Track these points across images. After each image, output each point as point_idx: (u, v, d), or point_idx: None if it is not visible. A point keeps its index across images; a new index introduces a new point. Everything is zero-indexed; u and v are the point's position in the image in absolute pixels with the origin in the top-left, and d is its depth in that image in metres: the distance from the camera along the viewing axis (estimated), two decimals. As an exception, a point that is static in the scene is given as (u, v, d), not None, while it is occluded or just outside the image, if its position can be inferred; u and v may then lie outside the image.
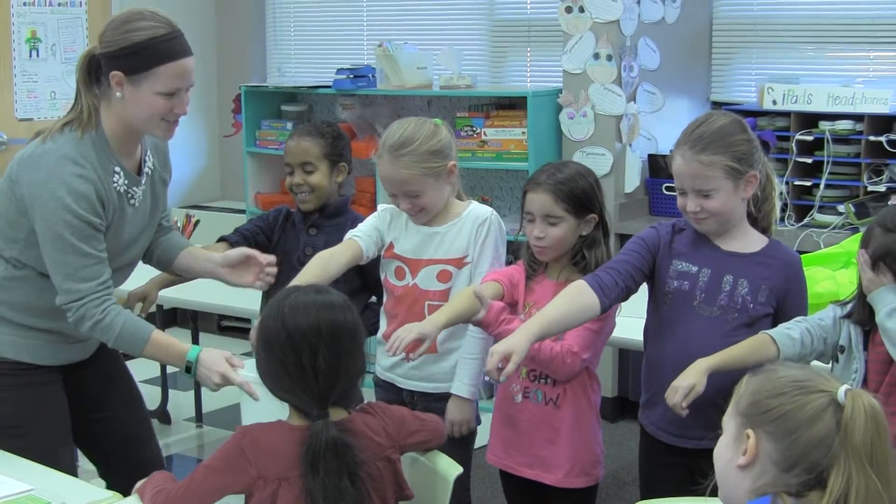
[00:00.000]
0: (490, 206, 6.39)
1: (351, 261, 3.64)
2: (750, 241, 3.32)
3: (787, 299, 3.30)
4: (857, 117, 5.70)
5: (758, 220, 3.37)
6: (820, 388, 2.11)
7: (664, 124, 6.20)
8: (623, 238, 3.85)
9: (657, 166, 6.15)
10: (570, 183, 3.49)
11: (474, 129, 6.41)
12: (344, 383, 2.72)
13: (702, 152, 3.19)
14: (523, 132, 6.24)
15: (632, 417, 3.56)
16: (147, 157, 3.41)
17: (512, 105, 6.46)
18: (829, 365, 3.23)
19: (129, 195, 3.31)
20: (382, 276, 3.78)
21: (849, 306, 3.18)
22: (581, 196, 3.49)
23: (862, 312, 3.13)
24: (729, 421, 2.20)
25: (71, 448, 3.46)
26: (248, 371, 3.19)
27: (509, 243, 3.86)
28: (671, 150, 3.33)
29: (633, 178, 6.22)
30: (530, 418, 3.56)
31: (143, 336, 3.22)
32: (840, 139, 5.74)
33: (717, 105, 6.51)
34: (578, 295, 3.23)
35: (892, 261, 3.02)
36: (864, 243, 3.10)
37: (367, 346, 3.19)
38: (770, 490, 2.10)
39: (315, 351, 2.66)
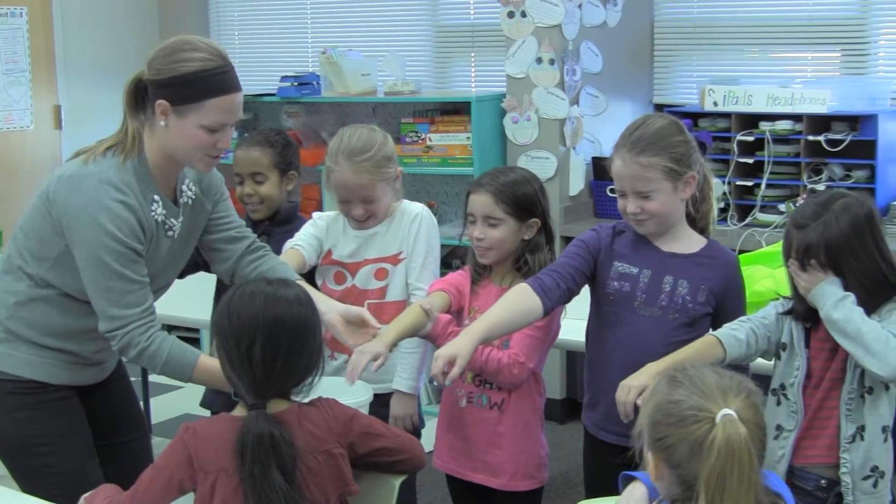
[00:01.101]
0: (436, 211, 6.49)
1: (295, 270, 3.69)
2: (689, 242, 3.37)
3: (726, 299, 3.35)
4: (797, 117, 5.76)
5: (696, 220, 3.41)
6: (703, 415, 2.18)
7: (607, 127, 6.24)
8: (568, 240, 3.90)
9: (601, 169, 6.19)
10: (512, 186, 3.53)
11: (419, 134, 6.43)
12: (284, 377, 2.75)
13: (640, 154, 3.23)
14: (468, 137, 6.27)
15: (580, 419, 3.59)
16: (185, 187, 3.32)
17: (456, 110, 6.48)
18: (773, 362, 3.26)
19: (167, 226, 3.24)
20: (320, 283, 3.84)
21: (790, 304, 3.22)
22: (523, 199, 3.53)
23: (802, 309, 3.18)
24: (639, 426, 2.31)
25: (96, 462, 3.36)
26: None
27: (455, 248, 3.90)
28: (610, 153, 3.37)
29: (577, 181, 6.26)
30: (475, 423, 3.59)
31: (191, 362, 3.14)
32: (780, 139, 5.81)
33: (659, 107, 6.56)
34: (521, 298, 3.27)
35: (814, 253, 3.06)
36: (786, 249, 3.14)
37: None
38: (679, 499, 2.22)
39: (252, 341, 2.71)
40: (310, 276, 3.85)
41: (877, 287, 3.07)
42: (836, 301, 3.03)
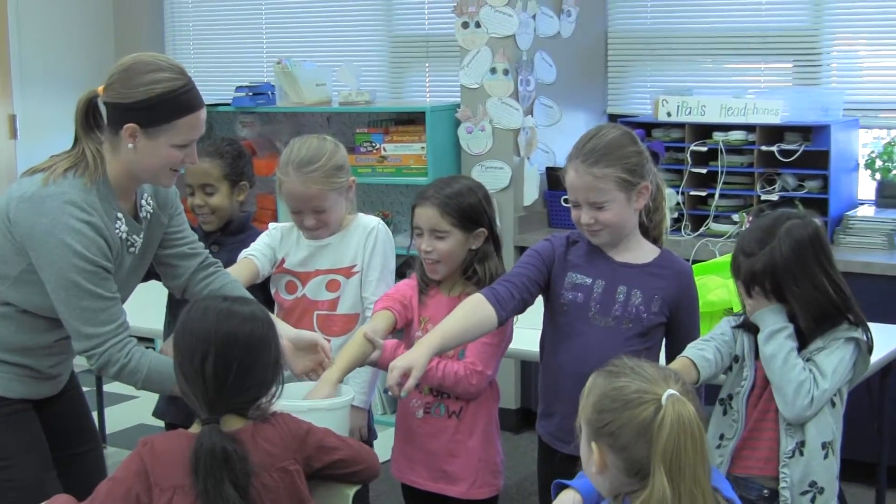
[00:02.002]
0: (390, 221, 6.49)
1: (249, 280, 3.73)
2: (642, 252, 3.37)
3: (679, 308, 3.36)
4: (750, 128, 5.79)
5: (649, 229, 3.42)
6: (648, 397, 2.23)
7: (561, 137, 6.26)
8: (523, 251, 3.90)
9: (555, 179, 6.20)
10: (457, 197, 3.53)
11: (374, 144, 6.42)
12: (237, 393, 2.73)
13: (594, 165, 3.23)
14: (422, 147, 6.26)
15: (534, 428, 3.59)
16: (144, 202, 3.31)
17: (411, 120, 6.48)
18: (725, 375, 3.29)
19: (129, 242, 3.23)
20: (273, 291, 3.84)
21: (742, 317, 3.25)
22: (468, 210, 3.53)
23: (752, 322, 3.20)
24: (581, 424, 2.33)
25: (55, 475, 3.32)
26: (283, 399, 3.09)
27: (409, 258, 3.90)
28: (564, 164, 3.37)
29: (531, 191, 6.27)
30: (433, 433, 3.58)
31: (172, 375, 3.01)
32: (733, 149, 5.83)
33: (613, 118, 6.59)
34: (476, 308, 3.27)
35: (759, 281, 3.11)
36: (734, 272, 3.18)
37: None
38: (627, 490, 2.25)
39: (205, 356, 2.70)
40: (265, 286, 3.83)
41: (821, 313, 3.10)
42: (769, 333, 3.09)
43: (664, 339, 3.40)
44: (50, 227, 3.03)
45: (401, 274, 5.76)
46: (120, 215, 3.17)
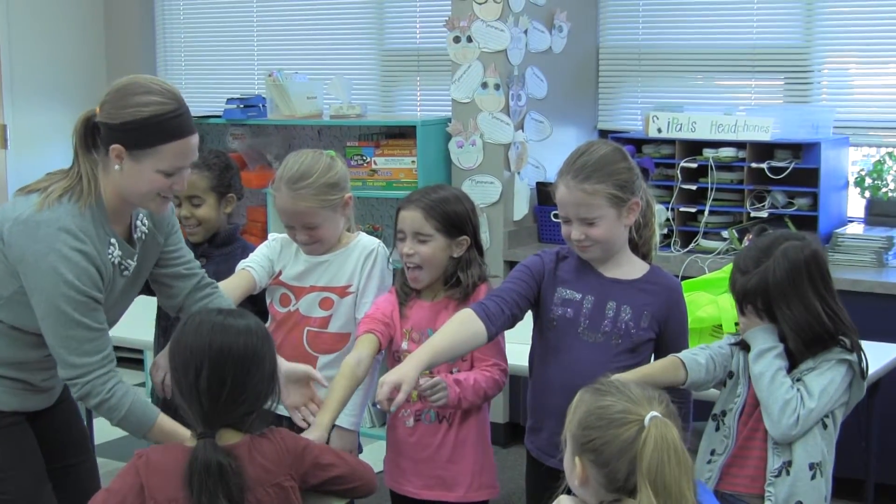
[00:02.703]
0: (380, 234, 6.49)
1: (246, 292, 3.72)
2: (632, 268, 3.38)
3: (668, 324, 3.36)
4: (740, 145, 5.80)
5: (639, 245, 3.42)
6: (631, 418, 2.30)
7: (552, 152, 6.26)
8: (512, 265, 3.89)
9: (545, 194, 6.20)
10: (442, 203, 3.55)
11: (364, 158, 6.42)
12: (232, 407, 2.73)
13: (585, 181, 3.24)
14: (413, 161, 6.27)
15: (522, 443, 3.59)
16: (139, 222, 3.28)
17: (402, 134, 6.48)
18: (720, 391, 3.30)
19: (123, 266, 3.20)
20: (268, 301, 3.83)
21: (738, 336, 3.27)
22: (453, 216, 3.54)
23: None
24: (566, 438, 2.39)
25: (49, 487, 3.31)
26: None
27: (401, 271, 3.89)
28: (554, 180, 3.37)
29: (521, 206, 6.27)
30: (425, 440, 3.59)
31: (149, 421, 3.09)
32: (723, 166, 5.84)
33: (603, 133, 6.60)
34: (465, 323, 3.27)
35: (751, 300, 3.13)
36: (731, 289, 3.21)
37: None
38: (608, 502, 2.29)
39: (199, 370, 2.70)
40: (256, 298, 3.82)
41: (812, 336, 3.11)
42: (758, 352, 3.11)
43: (653, 356, 3.39)
44: (43, 254, 3.01)
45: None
46: (113, 241, 3.15)
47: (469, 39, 6.14)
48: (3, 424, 3.21)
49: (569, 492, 2.46)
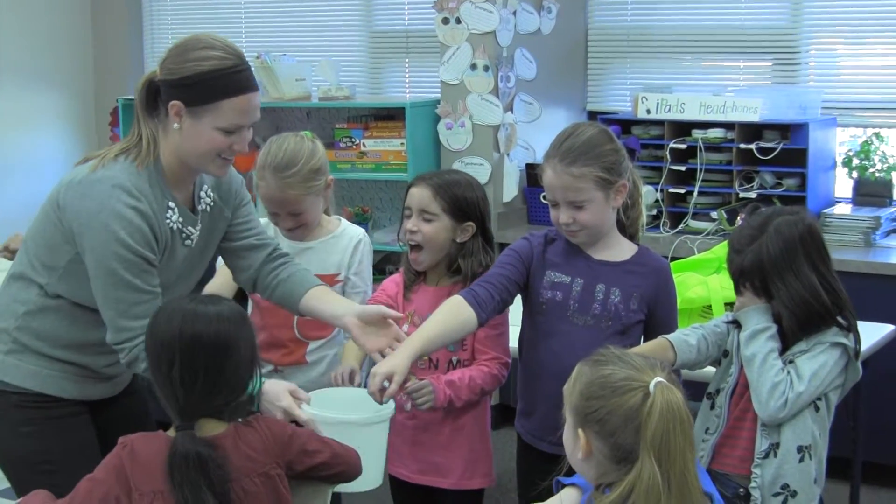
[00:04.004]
0: (369, 216, 6.49)
1: (228, 283, 3.68)
2: (620, 250, 3.37)
3: (658, 305, 3.36)
4: (729, 125, 5.80)
5: (626, 226, 3.42)
6: (636, 384, 2.26)
7: (541, 134, 6.26)
8: (502, 247, 3.91)
9: (535, 176, 6.19)
10: (453, 186, 3.55)
11: (353, 140, 6.42)
12: (208, 397, 2.67)
13: (572, 165, 3.23)
14: (402, 143, 6.26)
15: (513, 425, 3.60)
16: (203, 193, 3.20)
17: (390, 116, 6.47)
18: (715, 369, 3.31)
19: (184, 234, 3.13)
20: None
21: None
22: (462, 201, 3.53)
23: (741, 319, 3.22)
24: (567, 412, 2.35)
25: None
26: (313, 406, 3.06)
27: (389, 254, 3.89)
28: (541, 163, 3.37)
29: (511, 188, 6.28)
30: (422, 425, 3.60)
31: None
32: (712, 147, 5.84)
33: (592, 115, 6.60)
34: (456, 311, 3.26)
35: (747, 278, 3.11)
36: (728, 268, 3.20)
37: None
38: (612, 478, 2.26)
39: (171, 362, 2.64)
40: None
41: (808, 314, 3.08)
42: (751, 333, 3.09)
43: (642, 338, 3.39)
44: (96, 211, 2.94)
45: (380, 270, 5.78)
46: (172, 204, 3.07)
47: (458, 21, 6.14)
48: (61, 414, 3.14)
49: (567, 473, 2.45)
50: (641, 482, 2.21)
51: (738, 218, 5.61)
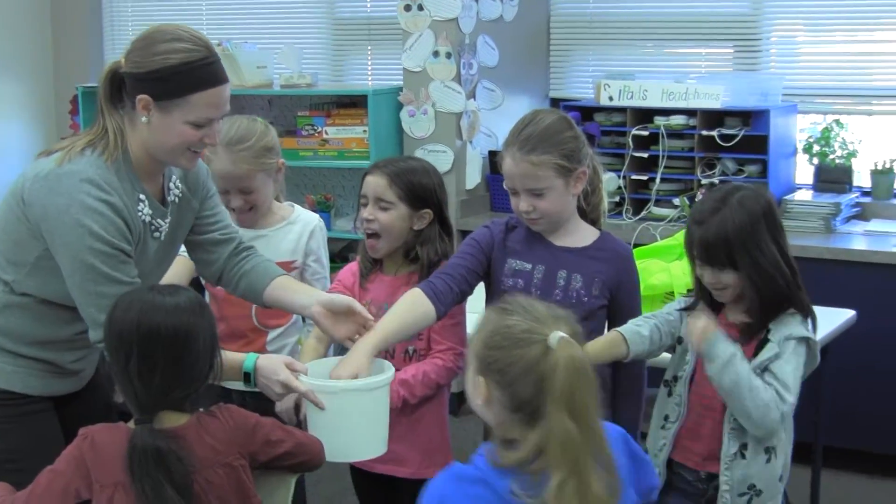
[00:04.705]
0: (332, 204, 6.47)
1: (189, 275, 3.67)
2: (582, 236, 3.37)
3: (620, 290, 3.36)
4: (691, 112, 5.83)
5: (587, 212, 3.42)
6: (537, 337, 2.28)
7: (504, 121, 6.25)
8: (465, 234, 3.91)
9: (497, 163, 6.18)
10: (409, 173, 3.53)
11: (315, 127, 6.40)
12: (167, 390, 2.64)
13: (531, 153, 3.22)
14: (364, 130, 6.25)
15: (474, 412, 3.59)
16: (172, 185, 3.15)
17: (353, 103, 6.45)
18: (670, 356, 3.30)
19: (154, 227, 3.06)
20: (205, 281, 3.74)
21: (690, 299, 3.25)
22: (418, 188, 3.52)
23: (697, 306, 3.21)
24: (469, 356, 2.38)
25: None
26: (311, 377, 3.03)
27: (351, 242, 3.89)
28: (500, 151, 3.36)
29: (473, 175, 6.28)
30: None
31: None
32: (674, 134, 5.86)
33: (555, 101, 6.61)
34: (414, 304, 3.25)
35: (712, 251, 3.05)
36: (688, 246, 3.15)
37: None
38: (511, 430, 2.30)
39: (128, 355, 2.61)
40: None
41: (770, 289, 3.06)
42: (722, 364, 2.99)
43: (606, 323, 3.40)
44: (65, 207, 2.86)
45: (343, 258, 5.79)
46: (143, 197, 3.01)
47: (420, 8, 6.13)
48: (26, 411, 3.09)
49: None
50: (555, 437, 2.23)
51: (699, 194, 5.64)
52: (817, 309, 3.19)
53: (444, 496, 2.33)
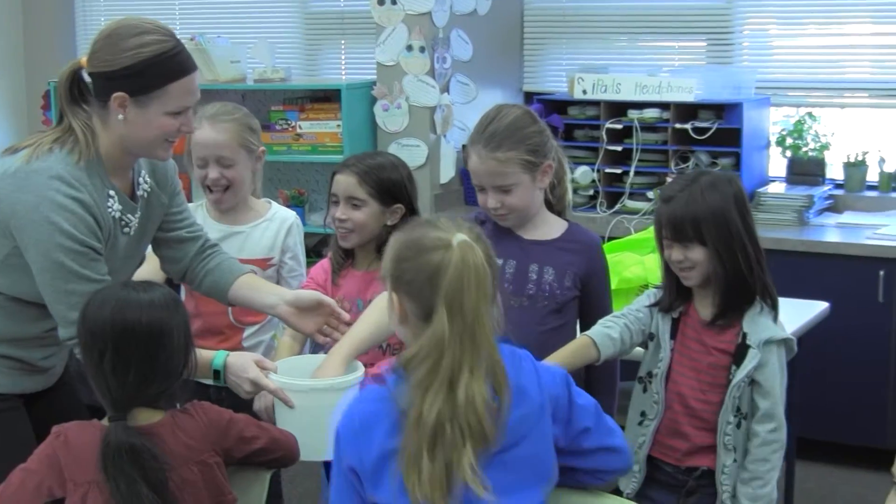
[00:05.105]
0: (305, 199, 6.46)
1: (157, 272, 3.62)
2: (550, 228, 3.37)
3: (591, 280, 3.36)
4: (664, 105, 5.83)
5: (553, 204, 3.41)
6: (441, 243, 2.33)
7: (478, 114, 6.09)
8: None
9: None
10: (378, 170, 3.51)
11: (289, 122, 6.39)
12: (140, 388, 2.62)
13: (497, 149, 3.22)
14: (338, 125, 6.24)
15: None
16: (142, 179, 3.11)
17: (326, 98, 6.45)
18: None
19: (124, 222, 3.03)
20: None
21: (658, 295, 3.25)
22: (387, 183, 3.51)
23: (668, 301, 3.21)
24: (384, 278, 2.43)
25: None
26: (281, 375, 3.02)
27: (325, 237, 3.88)
28: (466, 148, 3.35)
29: (447, 169, 6.28)
30: None
31: None
32: (648, 127, 5.87)
33: (529, 95, 6.61)
34: (385, 309, 3.23)
35: (679, 226, 3.06)
36: (657, 228, 3.16)
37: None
38: (425, 340, 2.31)
39: (102, 352, 2.59)
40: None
41: (736, 272, 3.06)
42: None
43: (577, 316, 3.40)
44: (35, 204, 2.83)
45: (317, 253, 5.77)
46: (112, 193, 2.98)
47: (393, 1, 6.13)
48: None
49: None
50: (433, 333, 2.28)
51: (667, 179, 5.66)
52: (791, 301, 3.21)
53: (348, 409, 2.42)
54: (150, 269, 3.54)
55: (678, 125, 5.77)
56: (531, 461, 2.40)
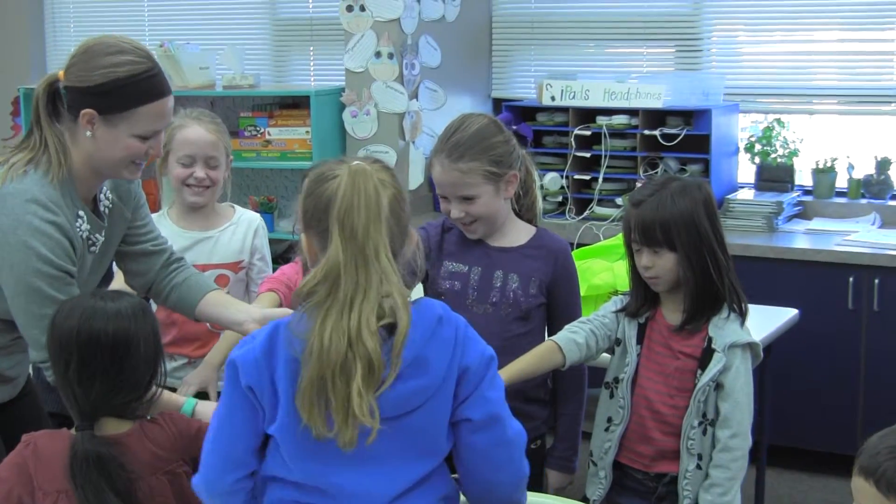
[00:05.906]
0: (275, 206, 6.45)
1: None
2: (517, 234, 3.35)
3: (558, 287, 3.34)
4: (633, 112, 5.85)
5: (522, 214, 3.40)
6: (338, 172, 2.31)
7: (447, 121, 6.13)
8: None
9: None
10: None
11: (258, 128, 6.37)
12: (108, 397, 2.61)
13: (459, 160, 3.20)
14: (307, 131, 6.22)
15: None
16: (103, 195, 3.08)
17: (295, 104, 6.43)
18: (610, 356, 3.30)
19: (91, 241, 3.01)
20: None
21: (625, 301, 3.25)
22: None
23: (633, 306, 3.21)
24: (299, 228, 2.40)
25: None
26: None
27: (294, 243, 3.86)
28: (429, 157, 3.34)
29: (416, 175, 6.27)
30: None
31: None
32: (616, 133, 5.88)
33: (497, 101, 6.61)
34: None
35: (648, 232, 3.06)
36: (626, 232, 3.16)
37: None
38: (321, 266, 2.27)
39: (68, 362, 2.58)
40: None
41: (707, 274, 3.06)
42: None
43: (546, 322, 3.38)
44: (11, 228, 2.81)
45: (285, 259, 5.74)
46: (81, 213, 2.96)
47: (362, 8, 6.11)
48: None
49: None
50: (329, 259, 2.26)
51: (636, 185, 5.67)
52: (760, 308, 3.21)
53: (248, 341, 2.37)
54: (123, 281, 3.53)
55: (647, 131, 5.78)
56: (420, 434, 2.33)
